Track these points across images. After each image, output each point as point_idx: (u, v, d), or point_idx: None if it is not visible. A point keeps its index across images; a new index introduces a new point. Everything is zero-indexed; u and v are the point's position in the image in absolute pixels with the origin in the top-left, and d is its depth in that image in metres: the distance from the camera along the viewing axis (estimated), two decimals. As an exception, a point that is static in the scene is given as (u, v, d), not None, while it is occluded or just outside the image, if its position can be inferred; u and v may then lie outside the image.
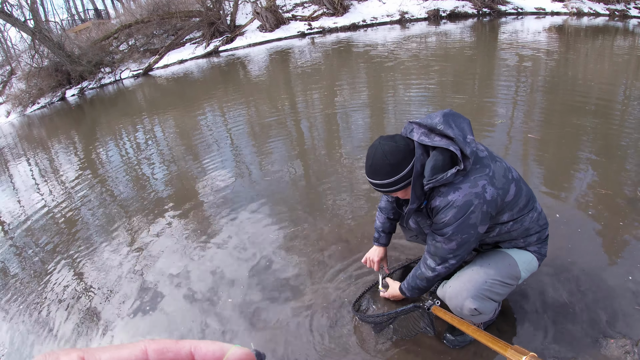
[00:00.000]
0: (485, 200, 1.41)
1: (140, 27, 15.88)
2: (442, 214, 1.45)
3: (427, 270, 1.65)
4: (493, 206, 1.44)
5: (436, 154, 1.43)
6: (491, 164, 1.47)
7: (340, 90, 7.07)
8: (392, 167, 1.44)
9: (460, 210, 1.41)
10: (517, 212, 1.54)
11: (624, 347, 1.71)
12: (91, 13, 27.81)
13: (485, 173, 1.43)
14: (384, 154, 1.44)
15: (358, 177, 3.56)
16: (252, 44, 14.77)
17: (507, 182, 1.48)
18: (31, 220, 4.29)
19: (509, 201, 1.49)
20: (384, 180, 1.47)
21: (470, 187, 1.41)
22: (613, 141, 3.67)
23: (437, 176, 1.41)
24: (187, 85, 10.83)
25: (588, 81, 5.64)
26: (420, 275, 1.70)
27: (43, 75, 14.98)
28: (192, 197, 3.85)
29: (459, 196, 1.41)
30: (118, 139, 6.99)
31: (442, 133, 1.43)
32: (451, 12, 13.66)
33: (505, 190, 1.46)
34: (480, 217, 1.43)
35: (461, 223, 1.43)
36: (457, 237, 1.47)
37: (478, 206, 1.41)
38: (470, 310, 1.56)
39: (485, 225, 1.48)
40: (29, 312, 2.73)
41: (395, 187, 1.48)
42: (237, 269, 2.63)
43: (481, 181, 1.41)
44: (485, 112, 4.69)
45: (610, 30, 9.62)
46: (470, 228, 1.44)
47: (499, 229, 1.56)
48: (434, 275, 1.63)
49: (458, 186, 1.42)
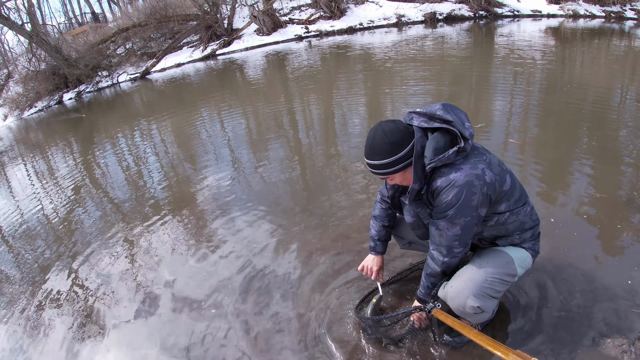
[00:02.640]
0: (485, 182, 1.44)
1: (138, 30, 15.86)
2: (443, 194, 1.47)
3: (436, 265, 1.65)
4: (492, 189, 1.47)
5: (437, 135, 1.48)
6: (486, 153, 1.53)
7: (337, 93, 7.08)
8: (392, 146, 1.47)
9: (461, 189, 1.43)
10: (514, 204, 1.57)
11: (621, 347, 1.73)
12: (88, 17, 27.84)
13: (483, 159, 1.48)
14: (384, 133, 1.48)
15: (355, 180, 3.56)
16: (249, 48, 14.74)
17: (502, 171, 1.53)
18: (28, 224, 4.27)
19: (506, 190, 1.53)
20: (383, 159, 1.49)
21: (471, 168, 1.44)
22: (609, 143, 3.68)
23: (439, 155, 1.44)
24: (184, 89, 10.83)
25: (584, 83, 5.66)
26: (432, 273, 1.69)
27: (40, 79, 14.93)
28: (189, 202, 3.84)
29: (461, 176, 1.43)
30: (115, 142, 6.98)
31: (441, 118, 1.48)
32: (448, 15, 13.67)
33: (502, 178, 1.51)
34: (481, 199, 1.46)
35: (463, 203, 1.45)
36: (460, 220, 1.48)
37: (478, 187, 1.44)
38: (472, 308, 1.57)
39: (485, 208, 1.51)
40: (25, 317, 2.71)
41: (395, 167, 1.51)
42: (233, 275, 2.63)
43: (480, 164, 1.46)
44: (480, 113, 4.70)
45: (606, 32, 9.65)
46: (472, 210, 1.47)
47: (497, 218, 1.58)
48: (445, 267, 1.63)
49: (459, 167, 1.45)
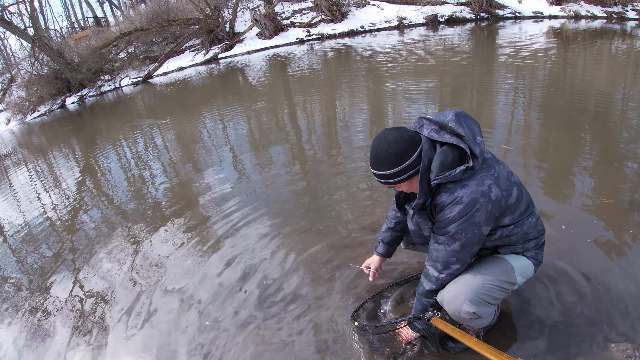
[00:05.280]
0: (491, 199, 1.41)
1: (140, 34, 15.96)
2: (447, 209, 1.44)
3: (429, 283, 1.62)
4: (497, 207, 1.44)
5: (446, 149, 1.43)
6: (495, 165, 1.48)
7: (339, 96, 7.09)
8: (396, 157, 1.44)
9: (466, 207, 1.40)
10: (518, 216, 1.54)
11: (625, 351, 1.71)
12: (91, 21, 28.01)
13: (491, 173, 1.44)
14: (387, 143, 1.44)
15: (358, 183, 3.55)
16: (251, 51, 14.82)
17: (510, 184, 1.49)
18: (31, 227, 4.28)
19: (512, 204, 1.50)
20: (388, 170, 1.47)
21: (477, 185, 1.41)
22: (612, 145, 3.66)
23: (445, 172, 1.40)
24: (186, 93, 10.86)
25: (586, 85, 5.65)
26: (423, 292, 1.65)
27: (43, 83, 15.03)
28: (191, 206, 3.83)
29: (466, 193, 1.40)
30: (117, 146, 7.00)
31: (453, 131, 1.43)
32: (449, 17, 13.71)
33: (508, 192, 1.48)
34: (485, 217, 1.43)
35: (466, 220, 1.42)
36: (461, 236, 1.45)
37: (483, 205, 1.41)
38: (468, 314, 1.55)
39: (489, 226, 1.48)
40: (26, 321, 2.71)
41: (400, 177, 1.48)
42: (236, 281, 2.61)
43: (487, 180, 1.42)
44: (482, 119, 4.70)
45: (608, 32, 9.65)
46: (474, 227, 1.44)
47: (501, 232, 1.56)
48: (439, 285, 1.60)
49: (465, 183, 1.41)
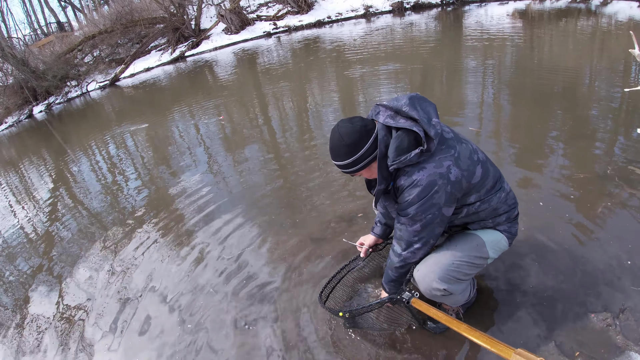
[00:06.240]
0: (450, 181, 1.42)
1: (104, 37, 15.61)
2: (406, 192, 1.47)
3: (394, 257, 1.66)
4: (457, 187, 1.45)
5: (400, 134, 1.44)
6: (457, 145, 1.48)
7: (309, 87, 7.10)
8: (349, 148, 1.48)
9: (424, 189, 1.42)
10: (485, 193, 1.55)
11: (605, 320, 1.74)
12: (54, 26, 27.22)
13: (451, 154, 1.44)
14: (340, 136, 1.48)
15: (333, 174, 3.58)
16: (218, 47, 14.65)
17: (472, 163, 1.48)
18: (6, 242, 4.24)
19: (476, 183, 1.50)
20: (344, 160, 1.51)
21: (435, 167, 1.42)
22: (583, 120, 3.71)
23: (401, 157, 1.43)
24: (155, 93, 10.75)
25: (554, 62, 5.70)
26: (390, 265, 1.70)
27: (9, 94, 14.64)
28: (167, 209, 3.81)
29: (423, 175, 1.42)
30: (89, 153, 6.91)
31: (407, 115, 1.45)
32: (415, 3, 13.71)
33: (470, 172, 1.48)
34: (445, 198, 1.44)
35: (424, 202, 1.44)
36: (421, 217, 1.48)
37: (442, 186, 1.42)
38: (439, 290, 1.59)
39: (451, 207, 1.49)
40: (7, 338, 2.69)
41: (357, 166, 1.52)
42: (216, 281, 2.62)
43: (446, 162, 1.43)
44: (453, 100, 4.77)
45: (573, 12, 9.74)
46: (433, 208, 1.45)
47: (467, 210, 1.57)
48: (401, 261, 1.63)
49: (422, 165, 1.43)
